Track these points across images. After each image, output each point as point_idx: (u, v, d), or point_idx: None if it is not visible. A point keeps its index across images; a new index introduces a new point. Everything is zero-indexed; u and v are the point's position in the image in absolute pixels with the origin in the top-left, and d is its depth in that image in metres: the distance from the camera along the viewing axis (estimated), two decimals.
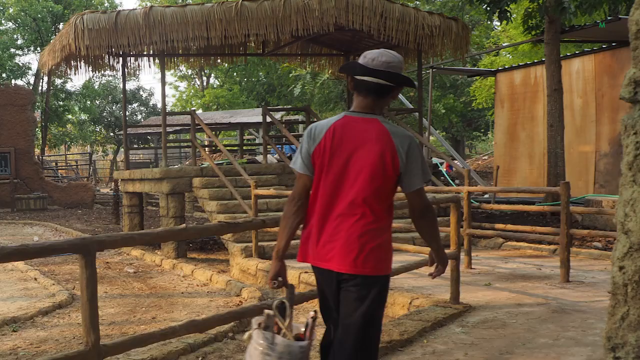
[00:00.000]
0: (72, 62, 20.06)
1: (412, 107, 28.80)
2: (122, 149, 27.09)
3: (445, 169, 26.50)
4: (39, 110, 50.99)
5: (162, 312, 11.45)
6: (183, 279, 14.91)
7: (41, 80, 53.83)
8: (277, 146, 23.59)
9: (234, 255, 15.06)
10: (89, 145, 69.78)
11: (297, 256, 4.97)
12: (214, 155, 30.36)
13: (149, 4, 24.05)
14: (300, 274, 11.54)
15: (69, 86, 58.54)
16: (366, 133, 4.70)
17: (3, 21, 55.59)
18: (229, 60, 25.69)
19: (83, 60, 20.14)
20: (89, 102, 61.28)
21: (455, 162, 24.86)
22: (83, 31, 16.87)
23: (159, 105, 26.65)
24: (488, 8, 18.90)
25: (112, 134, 61.29)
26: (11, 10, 54.72)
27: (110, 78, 62.06)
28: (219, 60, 25.27)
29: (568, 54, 22.63)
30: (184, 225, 7.12)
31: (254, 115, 37.92)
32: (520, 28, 23.85)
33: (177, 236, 6.56)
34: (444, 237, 6.92)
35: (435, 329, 8.44)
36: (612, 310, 2.53)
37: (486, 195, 19.49)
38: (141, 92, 66.50)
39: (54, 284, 13.88)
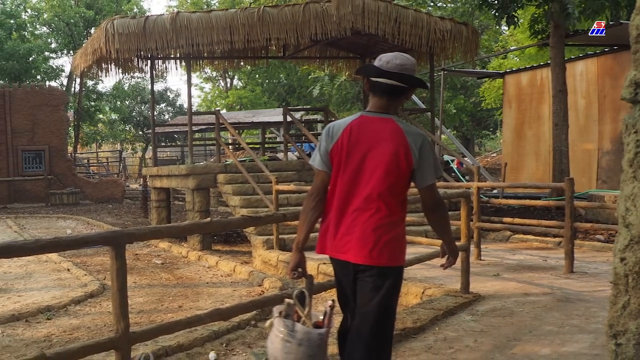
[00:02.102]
0: (103, 64, 20.09)
1: (424, 107, 28.69)
2: (151, 147, 27.17)
3: (456, 166, 26.42)
4: (72, 110, 51.13)
5: (188, 301, 11.47)
6: (208, 269, 14.93)
7: (74, 82, 54.01)
8: (297, 144, 23.58)
9: (256, 247, 15.08)
10: (119, 143, 70.00)
11: (315, 248, 4.98)
12: (237, 152, 30.42)
13: (175, 10, 24.05)
14: (319, 265, 11.54)
15: (100, 87, 58.76)
16: (381, 132, 4.70)
17: (38, 26, 55.79)
18: (252, 62, 25.82)
19: (113, 63, 20.16)
20: (119, 103, 61.47)
21: (466, 159, 24.78)
22: (113, 35, 16.92)
23: (185, 105, 26.69)
24: (496, 14, 18.92)
25: (141, 132, 61.37)
26: (45, 15, 54.93)
27: (139, 80, 62.13)
28: (242, 63, 25.28)
29: (572, 57, 22.54)
30: (208, 218, 7.12)
31: (275, 115, 37.90)
32: (527, 32, 23.75)
33: (203, 229, 6.56)
34: (454, 230, 6.93)
35: (446, 317, 8.44)
36: (613, 299, 2.54)
37: (495, 191, 19.46)
38: (168, 93, 66.56)
39: (85, 275, 13.92)
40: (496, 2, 18.65)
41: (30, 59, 48.15)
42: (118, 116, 63.28)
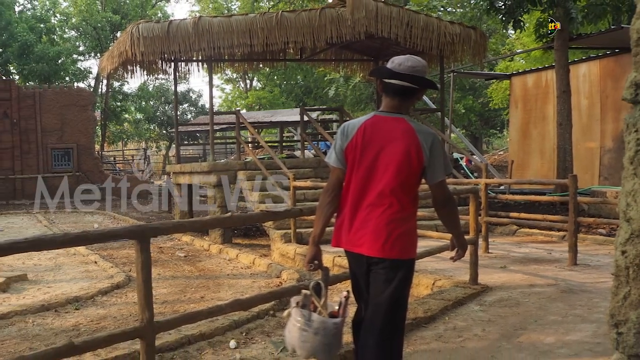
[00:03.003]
0: (129, 66, 20.17)
1: (435, 107, 28.66)
2: (174, 145, 27.20)
3: (465, 163, 26.35)
4: (99, 110, 51.34)
5: (209, 292, 11.50)
6: (228, 262, 14.97)
7: (101, 83, 54.20)
8: (314, 142, 23.61)
9: (275, 241, 15.11)
10: (143, 142, 70.15)
11: (331, 242, 5.01)
12: (257, 150, 30.39)
13: (198, 15, 24.11)
14: (334, 258, 11.55)
15: (125, 88, 58.96)
16: (394, 131, 4.72)
17: (66, 30, 56.06)
18: (270, 65, 25.82)
19: (138, 65, 20.24)
20: (143, 103, 61.59)
21: (474, 157, 24.79)
22: (138, 39, 16.97)
23: (207, 105, 26.63)
24: (503, 18, 18.99)
25: (164, 131, 61.47)
26: (74, 19, 55.15)
27: (163, 81, 62.20)
28: (261, 65, 25.29)
29: (575, 59, 22.49)
30: (229, 213, 7.14)
31: (292, 115, 37.88)
32: (532, 36, 23.79)
33: (223, 224, 6.58)
34: (463, 225, 6.92)
35: (456, 307, 8.45)
36: (615, 290, 2.54)
37: (502, 187, 19.41)
38: (191, 94, 66.60)
39: (112, 267, 13.99)
40: (503, 7, 18.72)
41: (60, 61, 48.29)
42: (143, 116, 63.40)
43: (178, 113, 25.65)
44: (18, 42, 45.36)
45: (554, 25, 18.41)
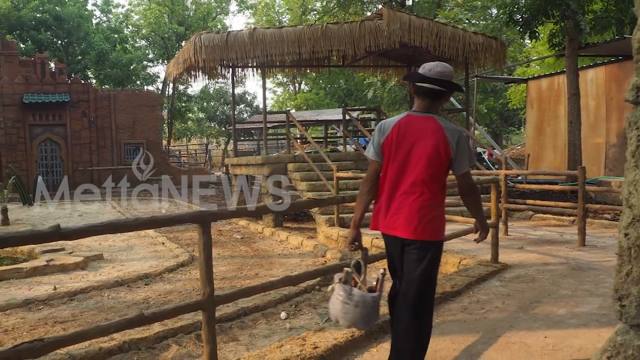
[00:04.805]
0: (192, 71, 20.26)
1: (460, 107, 28.42)
2: (232, 141, 27.27)
3: (487, 156, 26.23)
4: (166, 110, 51.75)
5: (263, 270, 11.58)
6: (280, 243, 15.04)
7: (167, 86, 54.66)
8: (354, 138, 23.56)
9: (320, 225, 15.15)
10: (205, 138, 70.57)
11: (370, 225, 5.03)
12: (304, 145, 30.43)
13: (253, 26, 24.18)
14: (372, 240, 11.56)
15: (189, 91, 59.36)
16: (425, 128, 4.73)
17: (137, 39, 56.53)
18: (316, 70, 25.76)
19: (200, 70, 20.32)
20: (205, 104, 61.96)
21: (495, 151, 24.67)
22: (201, 47, 17.08)
23: (261, 106, 26.67)
24: (521, 29, 19.02)
25: (223, 128, 61.69)
26: (144, 30, 55.77)
27: (222, 84, 62.50)
28: (308, 71, 25.26)
29: (584, 65, 22.30)
30: (280, 201, 7.19)
31: (335, 114, 37.78)
32: (546, 45, 23.66)
33: (275, 210, 6.63)
34: (485, 210, 6.92)
35: (479, 283, 8.45)
36: (619, 268, 2.55)
37: (519, 177, 19.28)
38: (246, 96, 66.71)
39: (177, 248, 14.15)
40: (520, 19, 18.69)
41: (131, 67, 48.77)
42: (204, 115, 63.72)
43: (235, 113, 25.73)
44: (95, 51, 45.89)
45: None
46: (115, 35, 50.49)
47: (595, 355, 2.59)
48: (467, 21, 36.55)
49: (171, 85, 53.22)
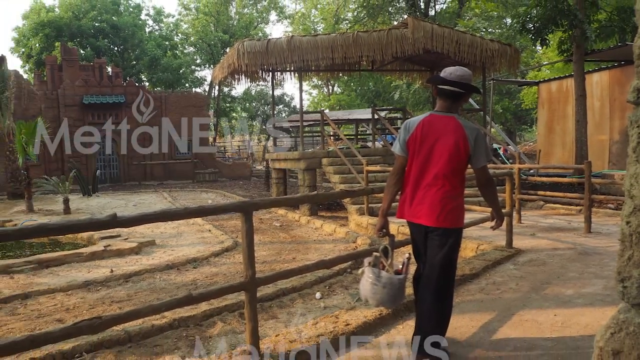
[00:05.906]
0: (236, 75, 20.38)
1: (478, 107, 28.28)
2: (272, 138, 27.38)
3: (502, 152, 26.15)
4: (212, 110, 51.96)
5: (299, 254, 11.62)
6: (315, 230, 15.09)
7: (213, 89, 54.90)
8: (382, 135, 23.53)
9: (351, 213, 15.18)
10: (247, 135, 70.84)
11: (396, 214, 5.06)
12: (337, 142, 30.43)
13: (290, 34, 24.23)
14: (398, 227, 11.56)
15: (233, 93, 59.65)
16: (446, 127, 4.75)
17: (186, 46, 56.82)
18: (348, 74, 25.82)
19: (243, 74, 20.43)
20: (247, 104, 62.23)
21: (509, 147, 24.44)
22: (244, 53, 17.18)
23: (298, 106, 26.67)
24: (533, 37, 19.06)
25: (264, 127, 61.91)
26: (192, 38, 56.08)
27: (263, 87, 62.87)
28: (340, 74, 25.30)
29: (590, 69, 22.17)
30: (315, 192, 7.23)
31: (365, 114, 37.64)
32: (555, 51, 23.54)
33: (311, 200, 6.64)
34: (501, 201, 6.91)
35: (495, 266, 8.45)
36: (621, 252, 2.56)
37: (531, 171, 19.16)
38: (285, 97, 66.97)
39: (222, 234, 14.25)
40: (532, 28, 18.65)
41: (181, 71, 49.16)
42: (247, 114, 63.97)
43: (275, 112, 25.80)
44: (148, 56, 46.28)
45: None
46: (167, 43, 50.89)
47: (600, 331, 2.60)
48: (484, 30, 36.40)
49: (217, 87, 53.54)
